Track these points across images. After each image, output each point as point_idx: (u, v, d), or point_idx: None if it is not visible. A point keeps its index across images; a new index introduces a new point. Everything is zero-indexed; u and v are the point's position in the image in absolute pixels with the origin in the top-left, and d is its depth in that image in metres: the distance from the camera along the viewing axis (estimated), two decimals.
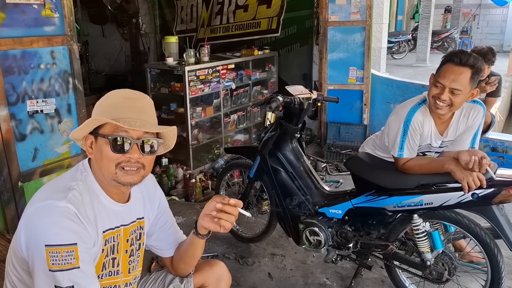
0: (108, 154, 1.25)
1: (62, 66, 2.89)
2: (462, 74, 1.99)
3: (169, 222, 1.60)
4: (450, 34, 14.04)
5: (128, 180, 1.28)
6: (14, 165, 2.71)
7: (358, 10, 4.83)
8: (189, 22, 6.71)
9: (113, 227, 1.35)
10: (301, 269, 2.85)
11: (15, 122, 2.68)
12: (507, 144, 4.20)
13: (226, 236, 3.24)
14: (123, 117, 1.24)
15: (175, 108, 4.74)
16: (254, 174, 2.86)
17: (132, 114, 1.25)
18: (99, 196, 1.31)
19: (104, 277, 1.34)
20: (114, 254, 1.36)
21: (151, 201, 1.52)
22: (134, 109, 1.27)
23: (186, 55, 4.55)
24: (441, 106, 2.06)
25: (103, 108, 1.28)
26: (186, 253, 1.55)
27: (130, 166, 1.27)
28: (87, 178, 1.31)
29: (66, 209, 1.20)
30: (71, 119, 2.99)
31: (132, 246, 1.44)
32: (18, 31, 2.63)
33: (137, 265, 1.50)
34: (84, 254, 1.19)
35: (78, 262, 1.17)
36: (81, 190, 1.27)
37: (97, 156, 1.28)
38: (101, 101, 1.30)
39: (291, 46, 5.80)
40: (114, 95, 1.31)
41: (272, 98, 2.52)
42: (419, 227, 2.20)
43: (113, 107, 1.26)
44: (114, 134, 1.24)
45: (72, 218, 1.20)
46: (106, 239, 1.32)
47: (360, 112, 5.09)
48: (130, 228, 1.42)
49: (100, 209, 1.30)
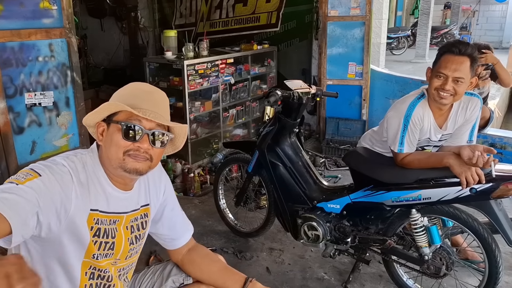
0: (119, 141, 1.26)
1: (61, 59, 2.87)
2: (463, 63, 2.03)
3: (176, 209, 1.59)
4: (450, 30, 14.07)
5: (135, 166, 1.28)
6: (12, 158, 2.70)
7: (358, 5, 4.81)
8: (188, 16, 6.68)
9: (109, 211, 1.34)
10: (299, 263, 2.86)
11: (13, 115, 2.67)
12: (505, 140, 4.21)
13: (225, 231, 3.24)
14: (139, 107, 1.26)
15: (173, 102, 4.71)
16: (252, 168, 2.86)
17: (148, 106, 1.29)
18: (100, 177, 1.32)
19: (100, 258, 1.34)
20: (109, 239, 1.34)
21: (156, 187, 1.52)
22: (150, 102, 1.30)
23: (185, 49, 4.53)
24: (445, 96, 2.08)
25: (120, 97, 1.31)
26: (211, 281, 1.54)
27: (138, 155, 1.29)
28: (92, 158, 1.32)
29: (61, 165, 1.24)
30: (69, 112, 2.98)
31: (133, 233, 1.44)
32: (16, 23, 2.61)
33: (135, 253, 1.49)
34: (38, 189, 1.13)
35: (22, 183, 1.13)
36: (83, 161, 1.29)
37: (106, 143, 1.29)
38: (119, 91, 1.34)
39: (291, 41, 5.77)
40: (133, 86, 1.35)
41: (270, 93, 2.52)
42: (417, 222, 2.21)
43: (130, 97, 1.29)
44: (127, 121, 1.26)
45: (61, 170, 1.22)
46: (95, 218, 1.30)
47: (359, 107, 5.09)
48: (131, 216, 1.42)
49: (98, 188, 1.30)
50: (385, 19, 6.38)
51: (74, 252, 1.28)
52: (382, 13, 6.28)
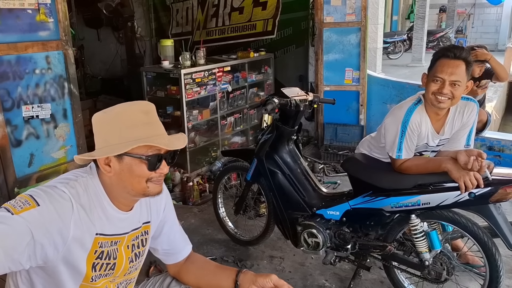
0: (143, 172, 1.26)
1: (57, 71, 2.88)
2: (459, 67, 2.05)
3: (175, 225, 1.60)
4: (445, 34, 14.12)
5: (158, 190, 1.33)
6: (10, 171, 2.69)
7: (353, 11, 4.84)
8: (185, 25, 6.71)
9: (112, 234, 1.33)
10: (300, 271, 2.85)
11: (10, 128, 2.67)
12: (503, 142, 4.22)
13: (224, 239, 3.23)
14: (150, 135, 1.26)
15: (171, 111, 4.72)
16: (251, 176, 2.86)
17: (155, 131, 1.28)
18: (102, 201, 1.30)
19: (97, 279, 1.32)
20: (110, 260, 1.34)
21: (157, 204, 1.51)
22: (152, 125, 1.29)
23: (182, 58, 4.55)
24: (443, 100, 2.09)
25: (121, 128, 1.25)
26: (206, 284, 1.55)
27: (161, 180, 1.32)
28: (93, 181, 1.30)
29: (61, 191, 1.22)
30: (67, 124, 2.98)
31: (134, 251, 1.43)
32: (13, 36, 2.62)
33: (135, 269, 1.49)
34: (33, 221, 1.12)
35: (18, 212, 1.12)
36: (84, 185, 1.28)
37: (123, 176, 1.27)
38: (114, 120, 1.26)
39: (287, 47, 5.80)
40: (127, 113, 1.27)
41: (268, 100, 2.52)
42: (417, 227, 2.20)
43: (134, 127, 1.25)
44: (149, 154, 1.25)
45: (61, 197, 1.20)
46: (100, 242, 1.30)
47: (357, 112, 5.10)
48: (132, 235, 1.41)
49: (99, 212, 1.29)
50: (381, 24, 6.40)
51: (72, 279, 1.27)
52: (378, 18, 6.31)
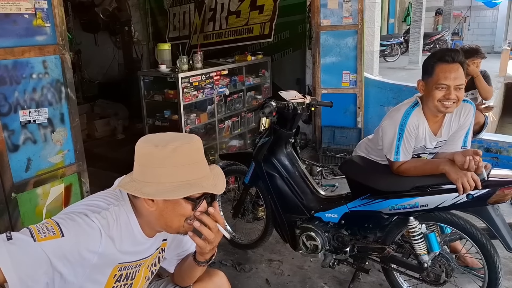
0: (186, 212, 1.27)
1: (54, 75, 2.86)
2: (459, 70, 2.07)
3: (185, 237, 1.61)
4: (442, 36, 14.19)
5: (187, 231, 1.33)
6: (7, 176, 2.68)
7: (350, 14, 4.85)
8: (182, 29, 6.71)
9: (136, 260, 1.35)
10: (299, 274, 2.84)
11: (7, 133, 2.65)
12: (500, 144, 4.23)
13: (223, 243, 3.22)
14: (199, 176, 1.26)
15: (169, 115, 4.71)
16: (249, 180, 2.86)
17: (203, 171, 1.28)
18: (134, 229, 1.31)
19: None
20: (128, 281, 1.36)
21: None
22: (200, 164, 1.28)
23: (179, 62, 4.54)
24: (450, 105, 2.10)
25: (173, 167, 1.23)
26: (185, 273, 1.55)
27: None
28: (126, 209, 1.30)
29: (90, 221, 1.20)
30: (64, 129, 2.96)
31: (150, 270, 1.47)
32: (9, 41, 2.60)
33: (147, 285, 1.52)
34: (53, 252, 1.12)
35: (41, 240, 1.11)
36: (115, 215, 1.27)
37: (165, 212, 1.27)
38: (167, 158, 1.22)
39: (284, 51, 5.81)
40: (183, 150, 1.24)
41: (265, 104, 2.52)
42: (415, 229, 2.20)
43: (183, 166, 1.24)
44: (197, 196, 1.26)
45: (90, 226, 1.19)
46: (120, 267, 1.31)
47: (354, 115, 5.10)
48: (152, 258, 1.44)
49: (128, 240, 1.29)
50: (378, 27, 6.42)
51: None
52: (375, 21, 6.33)
